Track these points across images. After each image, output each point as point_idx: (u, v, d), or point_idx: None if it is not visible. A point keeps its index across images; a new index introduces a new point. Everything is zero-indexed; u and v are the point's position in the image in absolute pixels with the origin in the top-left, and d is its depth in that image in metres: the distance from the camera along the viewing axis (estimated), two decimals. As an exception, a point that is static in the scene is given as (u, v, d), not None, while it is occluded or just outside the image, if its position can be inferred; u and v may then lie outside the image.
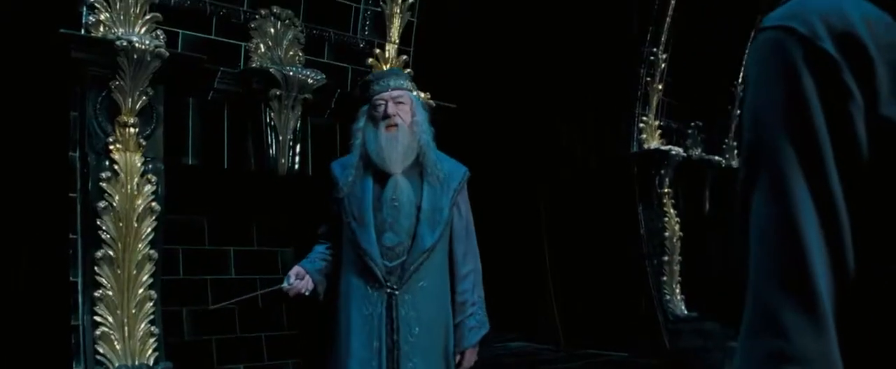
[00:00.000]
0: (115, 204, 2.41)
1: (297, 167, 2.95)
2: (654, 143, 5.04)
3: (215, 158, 2.84)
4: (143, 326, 2.45)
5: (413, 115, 2.53)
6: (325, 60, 3.16)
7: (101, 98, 2.43)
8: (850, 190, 0.62)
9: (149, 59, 2.43)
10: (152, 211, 2.49)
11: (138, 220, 2.45)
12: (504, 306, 4.53)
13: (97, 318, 2.38)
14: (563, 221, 5.44)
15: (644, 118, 5.05)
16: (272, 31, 2.96)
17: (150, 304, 2.48)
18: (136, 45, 2.39)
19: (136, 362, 2.40)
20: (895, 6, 0.65)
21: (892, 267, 0.62)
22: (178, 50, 2.69)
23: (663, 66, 5.06)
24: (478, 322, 2.56)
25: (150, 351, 2.45)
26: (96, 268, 2.39)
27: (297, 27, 3.03)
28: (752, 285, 0.64)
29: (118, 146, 2.44)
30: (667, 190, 5.04)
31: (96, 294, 2.38)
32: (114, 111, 2.44)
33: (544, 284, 5.55)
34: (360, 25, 3.27)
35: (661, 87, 5.09)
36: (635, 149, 5.04)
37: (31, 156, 2.66)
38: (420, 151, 2.51)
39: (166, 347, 2.54)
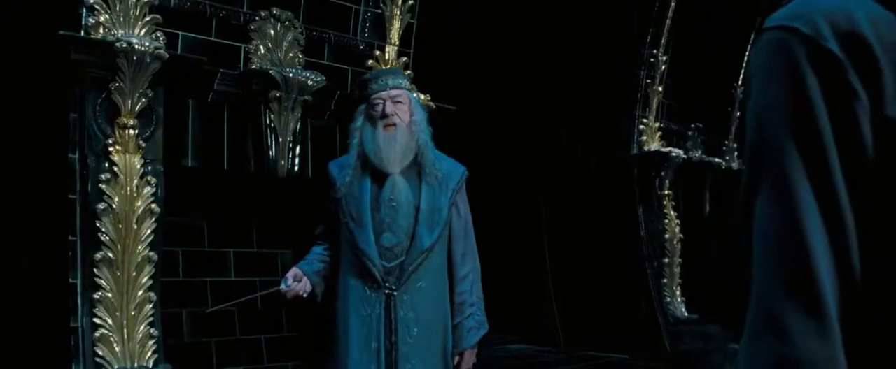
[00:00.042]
0: (114, 205, 2.41)
1: (296, 169, 2.95)
2: (655, 145, 5.04)
3: (215, 160, 2.83)
4: (142, 328, 2.45)
5: (411, 115, 2.50)
6: (325, 62, 3.15)
7: (100, 100, 2.42)
8: (854, 190, 0.62)
9: (148, 60, 2.42)
10: (152, 212, 2.49)
11: (138, 222, 2.45)
12: (504, 308, 4.52)
13: (96, 320, 2.37)
14: (563, 223, 5.43)
15: (644, 120, 5.05)
16: (272, 32, 2.96)
17: (150, 306, 2.47)
18: (136, 46, 2.38)
19: (136, 364, 2.40)
20: None
21: None
22: (178, 51, 2.68)
23: (663, 67, 5.06)
24: (477, 322, 2.53)
25: (149, 354, 2.45)
26: (95, 269, 2.38)
27: (296, 29, 3.03)
28: (755, 287, 0.63)
29: (118, 148, 2.44)
30: (667, 192, 5.03)
31: (95, 296, 2.38)
32: (113, 113, 2.44)
33: (544, 286, 5.54)
34: (360, 27, 3.26)
35: (661, 89, 5.09)
36: (635, 151, 5.04)
37: (30, 158, 2.65)
38: (418, 151, 2.48)
39: (166, 349, 2.53)
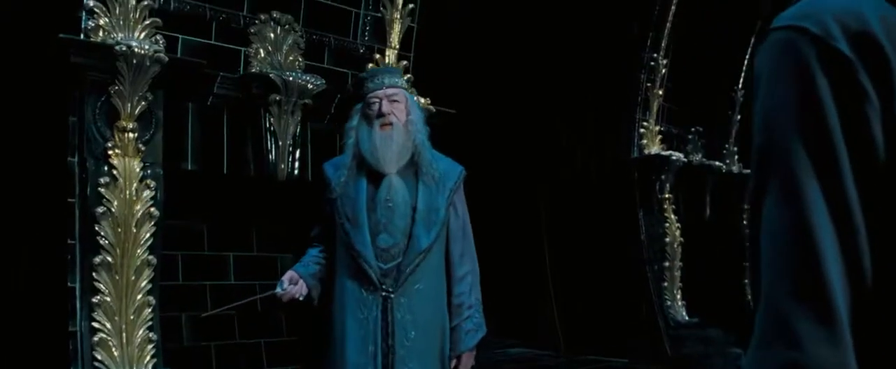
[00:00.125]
0: (113, 209, 2.40)
1: (296, 172, 2.94)
2: (655, 149, 5.03)
3: (215, 163, 2.83)
4: (141, 332, 2.44)
5: (408, 114, 2.46)
6: (325, 65, 3.15)
7: (100, 103, 2.41)
8: (865, 192, 0.61)
9: (148, 63, 2.42)
10: (151, 216, 2.48)
11: (137, 226, 2.44)
12: (504, 311, 4.51)
13: (95, 324, 2.36)
14: (563, 226, 5.42)
15: (644, 123, 5.04)
16: (272, 35, 2.95)
17: (149, 310, 2.46)
18: (136, 49, 2.38)
19: (135, 368, 2.39)
20: None
21: None
22: (178, 55, 2.68)
23: (664, 71, 5.06)
24: (475, 325, 2.49)
25: (148, 358, 2.43)
26: (94, 273, 2.37)
27: (296, 32, 3.03)
28: (764, 292, 0.62)
29: (117, 151, 2.43)
30: (667, 195, 5.03)
31: (94, 300, 2.37)
32: (113, 116, 2.43)
33: (545, 289, 5.53)
34: (360, 30, 3.26)
35: (661, 93, 5.09)
36: (636, 155, 5.04)
37: (29, 161, 2.64)
38: (415, 150, 2.44)
39: (165, 353, 2.52)
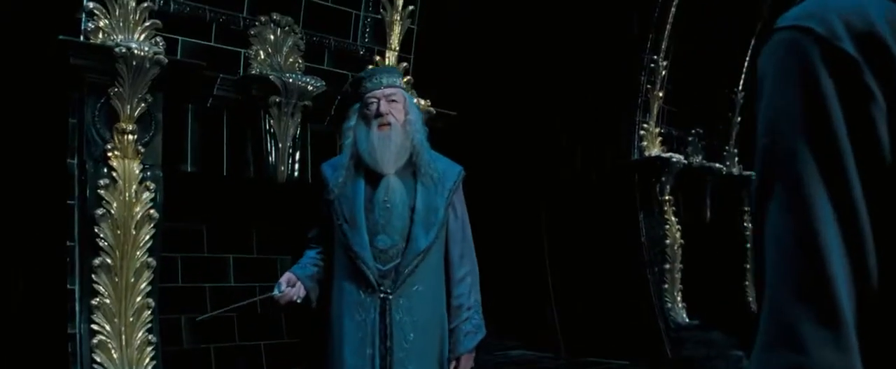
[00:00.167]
0: (113, 211, 2.39)
1: (296, 174, 2.93)
2: (655, 151, 5.03)
3: (214, 165, 2.82)
4: (140, 334, 2.43)
5: (406, 114, 2.44)
6: (325, 67, 3.15)
7: (99, 105, 2.41)
8: (871, 194, 0.60)
9: (148, 65, 2.41)
10: (151, 218, 2.47)
11: (136, 228, 2.43)
12: (504, 313, 4.51)
13: (94, 326, 2.36)
14: (563, 228, 5.42)
15: (645, 125, 5.04)
16: (272, 37, 2.95)
17: (148, 312, 2.46)
18: (135, 51, 2.38)
19: (134, 371, 2.38)
20: None
21: None
22: (178, 56, 2.68)
23: (664, 73, 5.06)
24: (474, 326, 2.46)
25: (147, 360, 2.43)
26: (94, 275, 2.37)
27: (296, 34, 3.02)
28: (768, 295, 0.61)
29: (116, 153, 2.43)
30: (668, 197, 5.02)
31: (93, 302, 2.36)
32: (112, 118, 2.43)
33: (545, 291, 5.52)
34: (360, 32, 3.26)
35: (661, 95, 5.09)
36: (636, 157, 5.03)
37: (29, 163, 2.64)
38: (413, 151, 2.41)
39: (164, 356, 2.51)
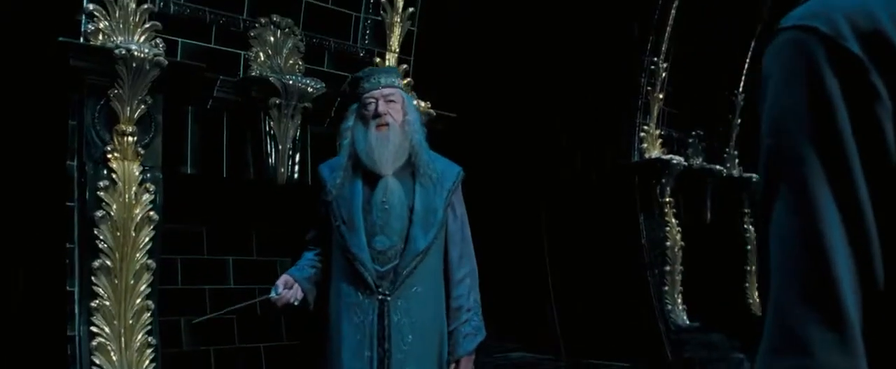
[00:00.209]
0: (112, 213, 2.39)
1: (296, 176, 2.93)
2: (655, 152, 5.02)
3: (214, 167, 2.82)
4: (140, 337, 2.43)
5: (405, 114, 2.43)
6: (325, 69, 3.14)
7: (99, 106, 2.41)
8: (877, 196, 0.59)
9: (148, 67, 2.41)
10: (150, 220, 2.47)
11: (136, 230, 2.43)
12: (504, 315, 4.50)
13: (94, 329, 2.35)
14: (563, 230, 5.41)
15: (645, 127, 5.03)
16: (272, 39, 2.94)
17: (148, 315, 2.45)
18: (135, 53, 2.37)
19: (133, 373, 2.38)
20: None
21: None
22: (178, 58, 2.67)
23: (664, 75, 5.05)
24: (473, 328, 2.44)
25: (147, 362, 2.42)
26: (93, 277, 2.36)
27: (296, 36, 3.02)
28: (773, 297, 0.61)
29: (116, 155, 2.42)
30: (668, 199, 5.01)
31: (93, 304, 2.36)
32: (112, 120, 2.42)
33: (545, 293, 5.52)
34: (360, 34, 3.26)
35: (661, 96, 5.08)
36: (636, 159, 5.02)
37: (28, 165, 2.63)
38: (412, 151, 2.40)
39: (164, 358, 2.51)
